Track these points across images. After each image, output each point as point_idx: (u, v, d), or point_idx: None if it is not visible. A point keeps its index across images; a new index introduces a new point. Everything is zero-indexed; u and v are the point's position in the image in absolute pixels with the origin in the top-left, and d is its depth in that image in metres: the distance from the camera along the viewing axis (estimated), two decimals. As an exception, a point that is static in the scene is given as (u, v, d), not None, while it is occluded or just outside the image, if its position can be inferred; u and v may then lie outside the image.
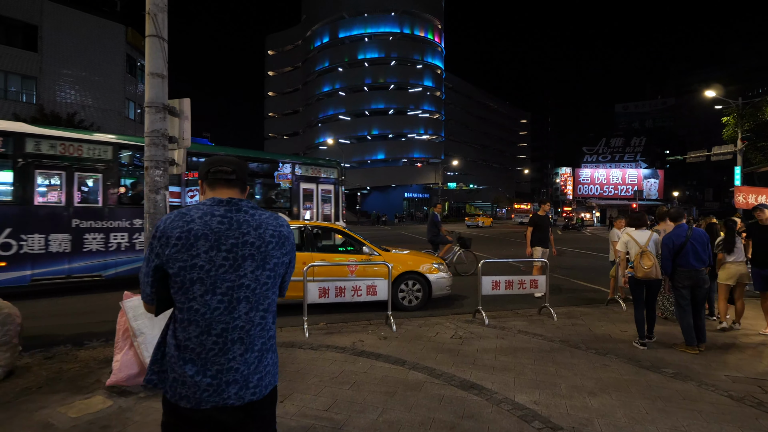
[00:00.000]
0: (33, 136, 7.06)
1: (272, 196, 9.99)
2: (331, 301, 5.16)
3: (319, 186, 10.47)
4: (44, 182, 7.40)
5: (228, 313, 1.32)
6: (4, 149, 6.82)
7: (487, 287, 5.74)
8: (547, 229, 7.40)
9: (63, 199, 7.33)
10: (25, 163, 6.95)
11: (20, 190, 6.94)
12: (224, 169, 1.47)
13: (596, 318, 6.03)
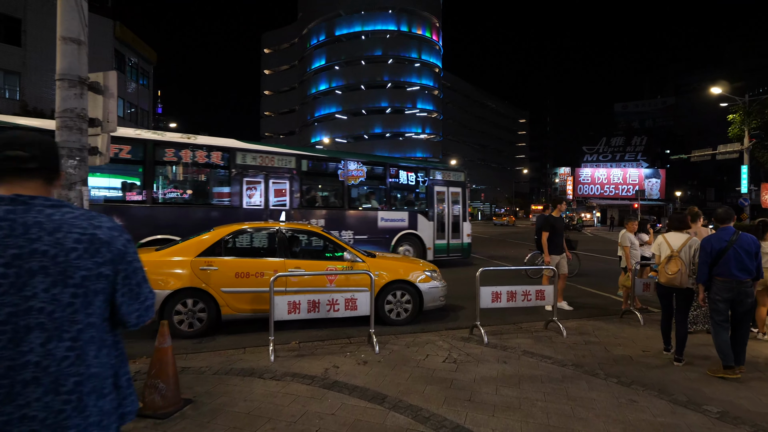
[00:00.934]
0: (242, 150, 8.41)
1: (411, 198, 10.90)
2: (302, 317, 4.38)
3: (449, 189, 11.36)
4: (249, 189, 8.49)
5: (13, 347, 1.04)
6: (222, 162, 8.25)
7: (486, 299, 4.96)
8: (563, 233, 6.53)
9: (262, 203, 8.54)
10: (237, 173, 8.30)
11: (234, 197, 8.29)
12: (17, 155, 1.14)
13: (611, 334, 5.27)
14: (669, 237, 4.46)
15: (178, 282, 4.81)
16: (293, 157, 8.97)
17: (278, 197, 8.73)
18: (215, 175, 8.47)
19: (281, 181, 8.77)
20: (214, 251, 5.04)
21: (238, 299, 4.97)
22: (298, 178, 8.98)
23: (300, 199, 9.02)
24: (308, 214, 9.07)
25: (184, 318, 4.86)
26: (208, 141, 8.20)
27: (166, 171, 8.07)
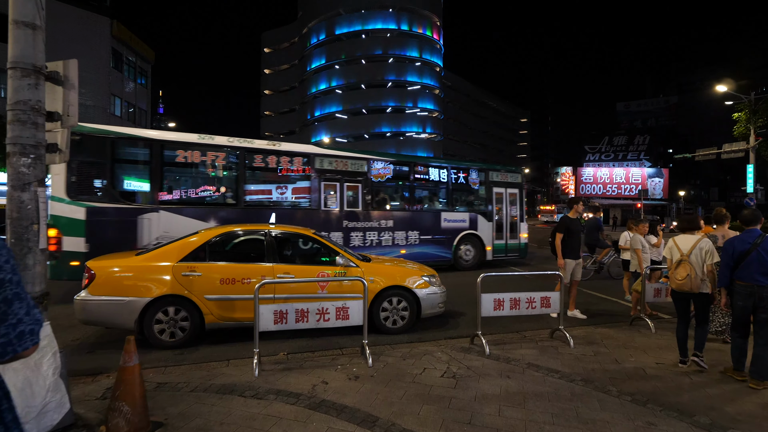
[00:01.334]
0: (320, 155, 8.99)
1: (472, 199, 11.26)
2: (290, 327, 4.07)
3: (507, 190, 11.58)
4: (327, 192, 9.06)
5: None
6: (303, 166, 8.80)
7: (488, 307, 4.64)
8: (579, 236, 6.12)
9: (338, 205, 9.14)
10: (316, 178, 8.86)
11: (313, 199, 8.86)
12: None
13: (621, 343, 4.94)
14: (679, 240, 4.18)
15: (158, 289, 4.51)
16: (364, 160, 9.57)
17: (351, 199, 9.37)
18: (297, 179, 8.98)
19: (354, 184, 9.38)
20: (197, 256, 4.73)
21: (223, 307, 4.66)
22: (370, 180, 9.55)
23: (371, 200, 9.56)
24: (378, 215, 9.60)
25: (166, 327, 4.56)
26: (290, 147, 8.82)
27: (255, 175, 8.68)
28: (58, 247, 6.64)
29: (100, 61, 25.26)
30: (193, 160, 7.84)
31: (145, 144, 7.59)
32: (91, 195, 7.03)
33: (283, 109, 61.93)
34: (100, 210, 6.98)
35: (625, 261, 7.46)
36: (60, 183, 6.75)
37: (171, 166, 7.86)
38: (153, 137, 7.67)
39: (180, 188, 7.93)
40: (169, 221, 7.40)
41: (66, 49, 23.94)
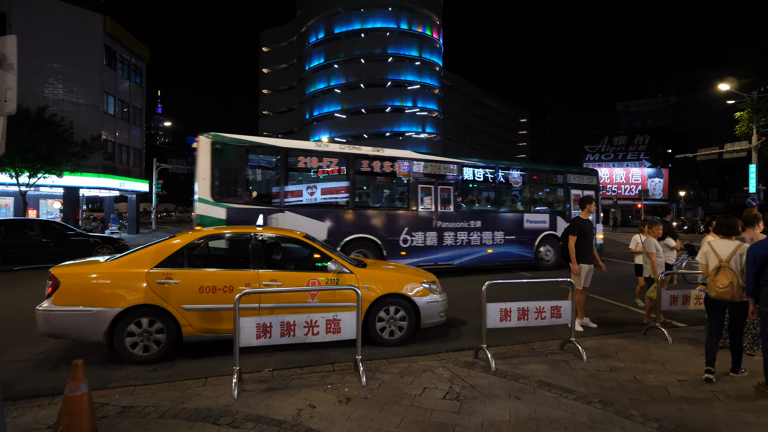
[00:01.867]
0: (417, 160, 9.63)
1: (551, 200, 11.78)
2: (274, 342, 3.65)
3: (584, 192, 11.87)
4: (423, 194, 9.59)
5: None
6: (402, 171, 9.38)
7: (493, 318, 4.23)
8: (593, 238, 5.68)
9: (432, 207, 9.67)
10: (413, 181, 9.48)
11: (411, 201, 9.48)
12: None
13: (638, 356, 4.54)
14: (716, 244, 3.80)
15: (130, 298, 4.09)
16: (456, 164, 10.13)
17: (444, 201, 9.90)
18: (396, 182, 9.68)
19: (447, 187, 9.93)
20: (175, 261, 4.31)
21: (203, 318, 4.24)
22: (461, 183, 10.13)
23: (462, 202, 10.13)
24: (468, 216, 10.13)
25: (138, 340, 4.13)
26: (391, 153, 9.50)
27: (362, 179, 9.40)
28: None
29: (93, 59, 24.79)
30: (311, 165, 8.65)
31: (272, 151, 8.51)
32: (230, 197, 7.80)
33: (281, 109, 61.48)
34: (238, 210, 7.78)
35: (636, 266, 7.06)
36: (206, 186, 7.62)
37: (293, 171, 8.64)
38: (279, 145, 8.59)
39: (301, 191, 8.74)
40: (292, 221, 8.22)
41: (57, 45, 23.44)
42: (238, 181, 7.93)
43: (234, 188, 7.86)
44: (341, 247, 8.71)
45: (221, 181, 7.73)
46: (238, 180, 7.94)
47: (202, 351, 4.53)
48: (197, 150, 7.83)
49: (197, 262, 4.60)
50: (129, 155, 29.49)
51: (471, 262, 10.14)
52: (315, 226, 8.28)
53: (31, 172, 19.65)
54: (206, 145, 7.75)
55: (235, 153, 7.96)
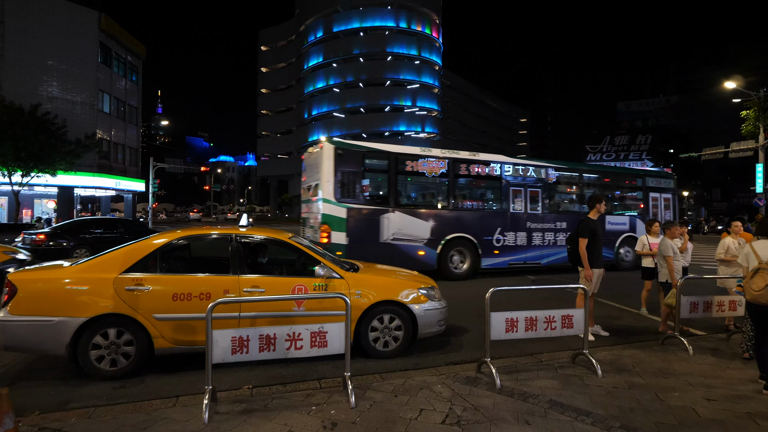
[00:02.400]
0: (508, 163, 10.10)
1: (630, 202, 12.14)
2: (252, 358, 3.24)
3: (662, 195, 12.34)
4: (513, 196, 10.12)
5: None
6: (497, 173, 9.94)
7: (498, 329, 3.82)
8: (601, 241, 5.29)
9: (522, 209, 10.18)
10: (505, 183, 10.02)
11: (503, 202, 10.04)
12: None
13: (657, 370, 4.12)
14: (757, 246, 3.45)
15: (96, 307, 3.68)
16: (544, 168, 10.59)
17: (533, 202, 10.36)
18: (490, 185, 10.22)
19: (535, 189, 10.39)
20: (146, 266, 3.90)
21: (177, 328, 3.83)
22: (548, 186, 10.58)
23: (549, 203, 10.59)
24: (554, 217, 10.56)
25: (105, 353, 3.72)
26: (486, 157, 10.10)
27: (461, 181, 9.96)
28: (329, 240, 8.22)
29: (88, 56, 24.40)
30: (416, 168, 9.27)
31: (384, 156, 9.12)
32: (349, 198, 8.50)
33: (280, 108, 61.12)
34: (356, 210, 8.54)
35: (644, 269, 6.64)
36: (330, 188, 8.33)
37: (401, 174, 9.23)
38: (389, 150, 9.22)
39: (408, 192, 9.64)
40: (401, 220, 8.84)
41: (51, 42, 23.05)
42: (356, 183, 8.68)
43: (353, 189, 8.60)
44: (442, 245, 9.27)
45: (342, 183, 8.47)
46: (356, 182, 8.68)
47: (176, 364, 4.12)
48: (321, 155, 8.53)
49: (172, 266, 4.19)
50: (125, 154, 29.09)
51: (557, 261, 10.54)
52: (420, 225, 9.00)
53: (24, 171, 19.28)
54: (330, 150, 8.44)
55: (354, 158, 8.69)
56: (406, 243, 8.88)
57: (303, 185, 9.91)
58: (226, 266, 4.11)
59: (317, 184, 8.62)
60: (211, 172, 75.89)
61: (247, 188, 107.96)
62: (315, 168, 8.84)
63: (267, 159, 63.57)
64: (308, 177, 9.49)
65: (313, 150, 9.19)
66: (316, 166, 8.79)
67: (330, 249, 7.87)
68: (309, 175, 9.42)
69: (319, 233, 8.31)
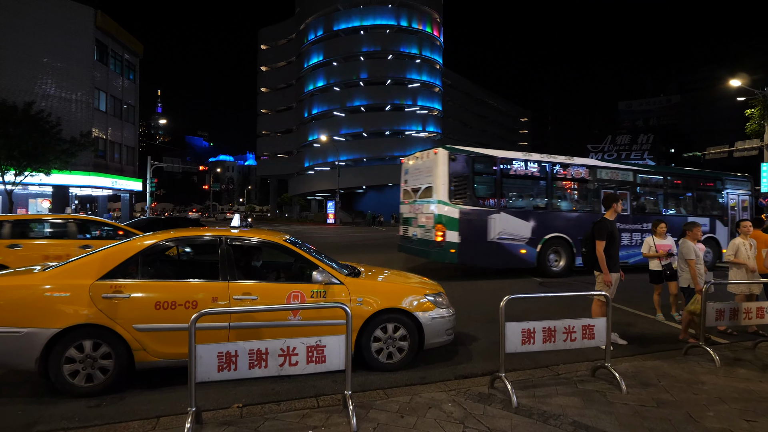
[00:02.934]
0: (600, 167, 10.70)
1: (710, 204, 12.34)
2: (241, 376, 2.89)
3: (740, 197, 12.69)
4: None
5: None
6: (589, 177, 10.43)
7: (514, 340, 3.47)
8: (619, 243, 4.94)
9: None
10: (597, 186, 10.49)
11: (595, 204, 10.38)
12: None
13: (685, 384, 3.78)
14: None
15: (69, 316, 3.34)
16: (632, 172, 11.10)
17: (622, 205, 10.46)
18: (583, 187, 10.64)
19: (624, 191, 10.73)
20: (126, 271, 3.56)
21: (160, 340, 3.49)
22: (634, 188, 11.02)
23: (635, 205, 10.99)
24: (640, 218, 10.84)
25: (80, 368, 3.38)
26: (581, 161, 10.57)
27: (557, 184, 10.39)
28: (443, 238, 8.87)
29: (83, 53, 24.04)
30: (519, 172, 9.77)
31: (490, 160, 9.66)
32: (461, 199, 9.07)
33: (280, 107, 60.75)
34: (467, 211, 9.07)
35: (651, 272, 6.29)
36: (444, 190, 8.94)
37: (506, 177, 9.74)
38: (495, 155, 9.75)
39: (512, 194, 10.16)
40: (505, 221, 9.34)
41: (46, 39, 22.68)
42: (467, 186, 9.27)
43: (464, 192, 9.18)
44: (541, 244, 9.63)
45: (455, 186, 9.06)
46: (467, 185, 9.27)
47: (160, 379, 3.77)
48: (435, 160, 9.14)
49: (155, 271, 3.85)
50: (122, 153, 28.74)
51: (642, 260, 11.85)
52: (523, 226, 9.49)
53: (17, 170, 18.93)
54: (444, 156, 9.05)
55: (465, 162, 9.28)
56: (510, 242, 9.46)
57: (404, 187, 10.75)
58: (213, 271, 3.76)
59: (429, 187, 9.32)
60: (210, 171, 75.57)
61: (246, 188, 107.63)
62: (425, 172, 9.58)
63: (267, 158, 63.22)
64: (413, 180, 10.28)
65: (421, 155, 9.97)
66: (427, 170, 9.50)
67: (444, 247, 8.82)
68: (414, 178, 10.20)
69: (434, 232, 9.04)
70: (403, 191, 10.82)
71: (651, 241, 6.26)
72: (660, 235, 6.25)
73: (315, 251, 4.40)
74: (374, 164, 51.06)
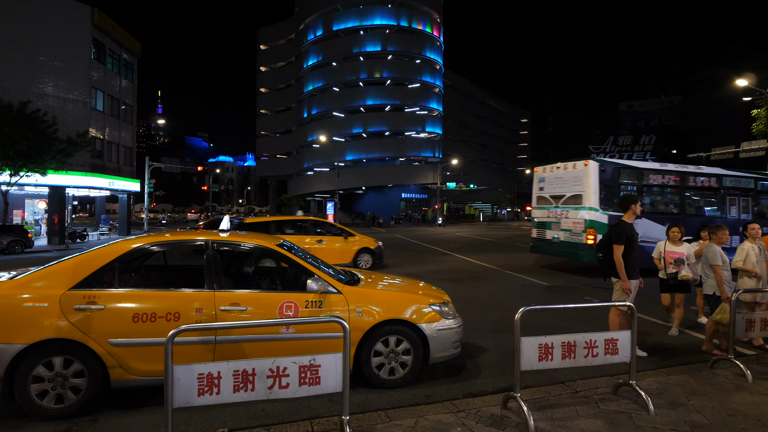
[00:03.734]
0: (725, 176, 11.26)
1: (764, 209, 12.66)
2: (225, 400, 2.55)
3: None
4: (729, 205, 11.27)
5: None
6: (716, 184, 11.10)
7: (530, 357, 3.13)
8: (638, 247, 4.56)
9: (736, 215, 11.16)
10: (723, 193, 11.19)
11: (721, 210, 11.14)
12: None
13: (717, 402, 3.44)
14: None
15: (37, 330, 3.00)
16: (752, 179, 11.65)
17: (743, 209, 11.32)
18: (713, 194, 11.23)
19: (746, 198, 11.41)
20: (101, 280, 3.22)
21: (138, 356, 3.15)
22: (756, 194, 11.63)
23: (757, 211, 11.52)
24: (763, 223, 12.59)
25: (49, 387, 3.04)
26: (709, 170, 11.19)
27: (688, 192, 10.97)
28: (595, 242, 9.41)
29: (80, 52, 23.69)
30: (656, 181, 10.58)
31: (633, 170, 10.50)
32: (610, 206, 9.77)
33: (279, 107, 60.43)
34: (615, 217, 9.14)
35: (661, 280, 5.71)
36: (595, 198, 9.79)
37: (646, 185, 10.54)
38: (637, 166, 10.66)
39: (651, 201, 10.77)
40: (646, 226, 9.74)
41: (42, 38, 22.35)
42: (615, 193, 9.97)
43: (612, 199, 9.86)
44: None
45: (604, 194, 9.85)
46: (615, 193, 9.98)
47: (139, 398, 3.43)
48: (586, 170, 9.95)
49: (134, 280, 3.51)
50: (119, 153, 28.40)
51: None
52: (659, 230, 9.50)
53: (12, 171, 18.60)
54: (595, 168, 9.89)
55: (612, 173, 10.09)
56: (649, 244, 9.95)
57: (540, 194, 11.57)
58: (199, 279, 3.42)
59: (577, 195, 10.17)
60: (209, 172, 75.22)
61: (246, 188, 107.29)
62: (572, 181, 10.45)
63: (266, 159, 62.91)
64: (553, 188, 11.13)
65: (565, 165, 10.76)
66: (573, 179, 10.38)
67: (594, 249, 9.11)
68: (556, 186, 11.03)
69: (584, 236, 9.79)
70: (537, 197, 11.70)
71: (662, 247, 5.68)
72: (674, 241, 5.62)
73: (311, 257, 4.06)
74: (374, 165, 50.74)
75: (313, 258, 4.03)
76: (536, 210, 11.73)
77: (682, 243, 5.69)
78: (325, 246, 10.55)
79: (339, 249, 10.71)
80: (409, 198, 55.80)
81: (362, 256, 11.05)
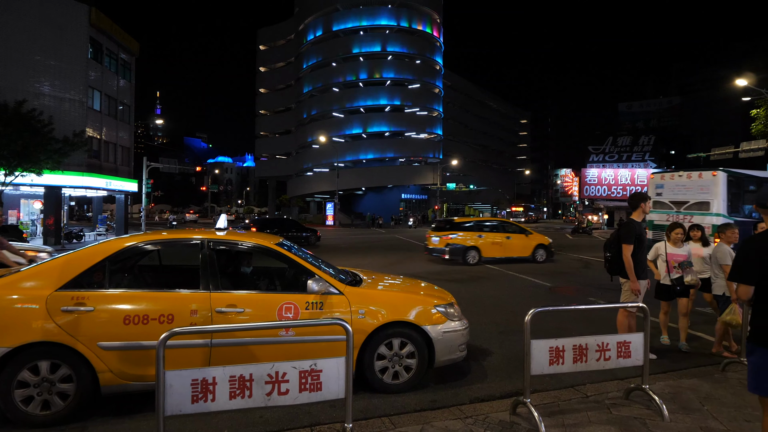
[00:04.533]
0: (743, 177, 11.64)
1: None
2: (220, 408, 2.41)
3: None
4: None
5: None
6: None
7: (540, 360, 3.00)
8: (646, 246, 4.42)
9: None
10: None
11: None
12: None
13: (732, 407, 3.31)
14: None
15: (22, 333, 2.85)
16: None
17: None
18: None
19: None
20: (90, 281, 3.08)
21: (129, 360, 3.01)
22: None
23: None
24: None
25: (35, 393, 2.89)
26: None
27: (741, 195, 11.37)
28: None
29: (77, 51, 23.50)
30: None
31: (755, 180, 11.33)
32: (735, 212, 10.53)
33: (278, 108, 60.26)
34: (740, 222, 9.54)
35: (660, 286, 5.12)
36: (723, 205, 10.45)
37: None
38: (757, 175, 11.46)
39: None
40: None
41: (38, 36, 22.16)
42: (740, 201, 10.83)
43: (737, 205, 10.77)
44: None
45: (731, 201, 10.58)
46: (740, 200, 10.84)
47: (130, 404, 3.28)
48: (715, 180, 10.68)
49: (125, 280, 3.37)
50: (117, 153, 28.20)
51: None
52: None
53: (7, 171, 18.41)
54: (723, 177, 10.68)
55: (738, 182, 10.86)
56: None
57: (659, 199, 12.11)
58: (194, 280, 3.28)
59: (703, 202, 10.85)
60: (208, 172, 74.98)
61: (245, 189, 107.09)
62: (697, 189, 11.13)
63: (265, 159, 62.72)
64: (674, 194, 11.81)
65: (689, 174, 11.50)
66: (699, 187, 11.07)
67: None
68: (678, 193, 11.71)
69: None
70: (654, 202, 12.06)
71: (662, 248, 5.11)
72: (675, 242, 5.05)
73: (311, 256, 3.92)
74: (374, 166, 50.60)
75: (314, 257, 3.89)
76: (653, 213, 12.15)
77: (684, 245, 5.34)
78: (513, 241, 12.75)
79: (522, 244, 12.85)
80: (409, 198, 55.68)
81: (538, 251, 12.97)
